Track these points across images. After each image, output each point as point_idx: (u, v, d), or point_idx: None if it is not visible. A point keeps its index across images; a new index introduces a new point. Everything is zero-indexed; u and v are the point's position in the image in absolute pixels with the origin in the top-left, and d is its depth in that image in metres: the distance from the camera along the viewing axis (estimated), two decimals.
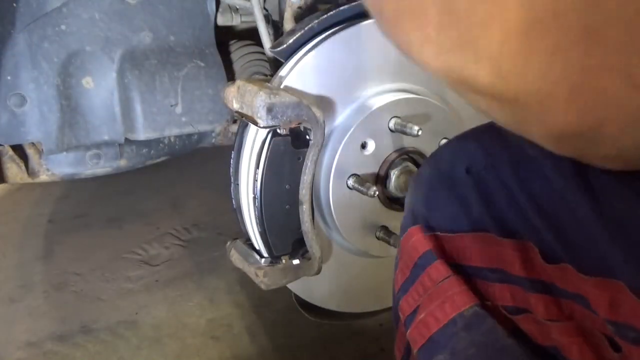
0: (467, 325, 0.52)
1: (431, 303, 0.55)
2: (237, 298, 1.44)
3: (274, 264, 0.95)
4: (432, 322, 0.54)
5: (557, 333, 0.48)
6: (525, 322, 0.50)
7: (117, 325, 1.34)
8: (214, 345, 1.28)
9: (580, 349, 0.46)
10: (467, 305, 0.53)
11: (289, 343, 1.30)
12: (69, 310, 1.39)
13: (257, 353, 1.27)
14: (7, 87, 0.92)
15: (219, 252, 1.61)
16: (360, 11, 0.91)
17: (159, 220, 1.82)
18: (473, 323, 0.52)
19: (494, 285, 0.53)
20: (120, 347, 1.28)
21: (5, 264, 1.58)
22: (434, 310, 0.54)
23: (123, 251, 1.64)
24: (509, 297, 0.52)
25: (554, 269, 0.48)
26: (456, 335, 0.52)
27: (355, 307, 1.15)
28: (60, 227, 1.79)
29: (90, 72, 1.00)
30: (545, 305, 0.49)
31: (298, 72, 0.89)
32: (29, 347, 1.27)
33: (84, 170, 1.06)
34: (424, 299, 0.56)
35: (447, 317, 0.53)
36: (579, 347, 0.46)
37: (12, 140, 0.97)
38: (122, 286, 1.49)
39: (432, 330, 0.54)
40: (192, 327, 1.34)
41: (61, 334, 1.31)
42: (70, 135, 1.00)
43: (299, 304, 1.09)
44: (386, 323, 1.35)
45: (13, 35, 0.89)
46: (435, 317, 0.54)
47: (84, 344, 1.28)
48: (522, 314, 0.51)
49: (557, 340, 0.47)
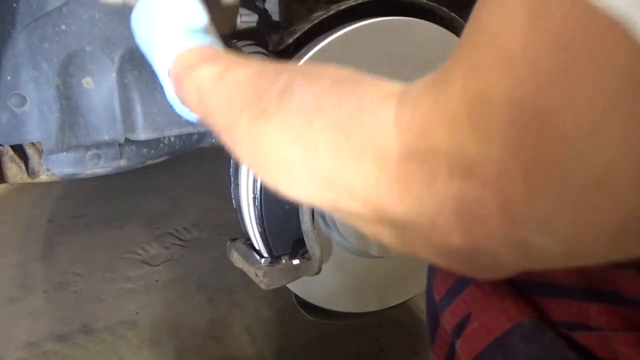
0: (525, 337, 0.49)
1: (484, 313, 0.52)
2: (237, 298, 1.44)
3: (274, 264, 0.95)
4: (486, 333, 0.52)
5: (620, 344, 0.45)
6: (583, 337, 0.47)
7: (117, 325, 1.34)
8: (214, 345, 1.29)
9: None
10: (524, 316, 0.50)
11: (289, 343, 1.30)
12: (69, 310, 1.39)
13: (257, 353, 1.27)
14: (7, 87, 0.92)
15: (219, 252, 1.61)
16: (360, 11, 0.91)
17: (159, 220, 1.82)
18: (532, 335, 0.49)
19: (547, 299, 0.50)
20: (120, 347, 1.28)
21: (5, 264, 1.58)
22: (488, 322, 0.52)
23: (123, 251, 1.64)
24: (564, 311, 0.49)
25: (614, 275, 0.46)
26: (515, 347, 0.49)
27: (356, 307, 1.15)
28: (60, 227, 1.79)
29: (90, 72, 1.00)
30: (607, 315, 0.46)
31: None
32: (29, 347, 1.27)
33: (84, 170, 1.05)
34: (474, 309, 0.54)
35: (504, 328, 0.50)
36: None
37: (12, 140, 0.96)
38: (122, 286, 1.49)
39: (487, 342, 0.51)
40: (192, 327, 1.34)
41: (61, 334, 1.31)
42: (70, 135, 1.00)
43: (299, 304, 1.09)
44: (386, 323, 1.35)
45: (13, 35, 0.89)
46: (490, 328, 0.52)
47: (84, 344, 1.28)
48: (579, 329, 0.48)
49: (620, 352, 0.45)
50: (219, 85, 0.49)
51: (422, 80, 0.32)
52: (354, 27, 0.91)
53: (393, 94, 0.34)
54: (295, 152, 0.38)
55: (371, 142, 0.33)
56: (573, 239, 0.26)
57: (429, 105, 0.30)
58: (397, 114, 0.32)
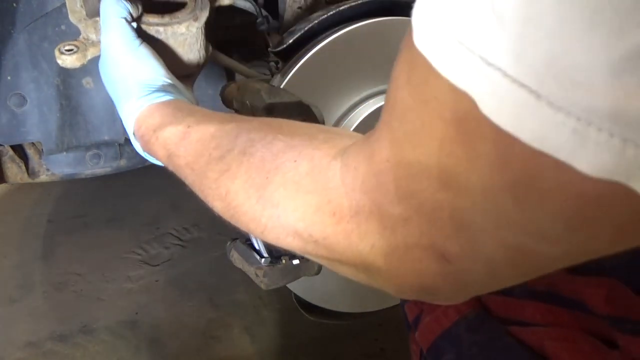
0: (469, 328, 0.55)
1: (435, 309, 0.58)
2: (237, 298, 1.44)
3: (274, 264, 0.95)
4: (437, 326, 0.58)
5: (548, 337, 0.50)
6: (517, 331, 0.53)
7: (117, 325, 1.34)
8: (214, 345, 1.29)
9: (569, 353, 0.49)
10: (470, 309, 0.56)
11: (289, 343, 1.30)
12: (69, 310, 1.39)
13: (257, 353, 1.27)
14: (7, 87, 0.92)
15: (219, 252, 1.61)
16: (360, 11, 0.91)
17: (159, 220, 1.82)
18: (475, 325, 0.55)
19: (492, 296, 0.55)
20: (120, 347, 1.28)
21: (5, 264, 1.58)
22: (438, 316, 0.58)
23: (123, 251, 1.64)
24: (504, 307, 0.55)
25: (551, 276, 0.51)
26: (460, 336, 0.55)
27: (356, 307, 1.15)
28: (60, 227, 1.79)
29: (90, 72, 1.00)
30: (541, 312, 0.52)
31: (298, 72, 0.89)
32: (29, 347, 1.27)
33: (84, 170, 1.06)
34: (425, 305, 0.60)
35: (452, 321, 0.57)
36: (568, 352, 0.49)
37: (12, 140, 0.97)
38: (122, 286, 1.49)
39: (437, 333, 0.57)
40: (192, 327, 1.34)
41: (61, 334, 1.31)
42: (70, 135, 1.00)
43: (299, 304, 1.09)
44: (386, 323, 1.35)
45: (13, 35, 0.89)
46: (440, 322, 0.58)
47: (84, 344, 1.28)
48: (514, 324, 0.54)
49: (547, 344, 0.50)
50: (184, 145, 0.53)
51: (360, 141, 0.38)
52: (354, 27, 0.91)
53: (339, 154, 0.39)
54: (259, 208, 0.42)
55: (325, 200, 0.38)
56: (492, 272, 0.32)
57: (365, 168, 0.35)
58: (342, 175, 0.37)
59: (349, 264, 0.38)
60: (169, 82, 0.65)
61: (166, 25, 0.71)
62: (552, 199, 0.25)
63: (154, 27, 0.71)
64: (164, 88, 0.64)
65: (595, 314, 0.49)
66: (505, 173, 0.26)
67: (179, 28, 0.72)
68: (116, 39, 0.65)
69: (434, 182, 0.29)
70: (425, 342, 0.59)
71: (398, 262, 0.34)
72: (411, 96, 0.30)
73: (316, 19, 0.90)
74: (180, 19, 0.72)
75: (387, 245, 0.34)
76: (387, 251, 0.34)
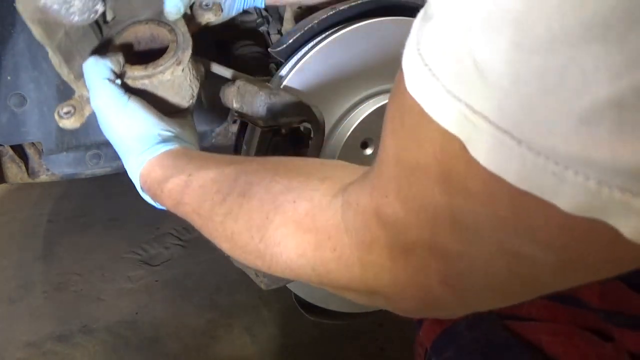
0: (469, 325, 0.58)
1: None
2: (237, 298, 1.44)
3: None
4: (438, 325, 0.61)
5: (543, 332, 0.54)
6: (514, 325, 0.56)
7: (117, 325, 1.34)
8: (214, 345, 1.29)
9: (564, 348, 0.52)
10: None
11: (289, 343, 1.30)
12: (69, 310, 1.39)
13: (257, 353, 1.27)
14: (7, 87, 0.92)
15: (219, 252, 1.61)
16: (360, 12, 0.91)
17: (159, 220, 1.82)
18: (475, 323, 0.58)
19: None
20: (120, 347, 1.28)
21: (5, 264, 1.58)
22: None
23: (123, 251, 1.64)
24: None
25: None
26: (460, 334, 0.58)
27: (356, 307, 1.15)
28: (60, 227, 1.79)
29: None
30: (537, 307, 0.55)
31: (298, 72, 0.89)
32: (29, 347, 1.27)
33: (84, 170, 1.05)
34: None
35: (452, 320, 0.59)
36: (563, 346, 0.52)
37: (12, 140, 0.96)
38: (122, 286, 1.49)
39: (438, 332, 0.60)
40: (192, 327, 1.34)
41: (61, 334, 1.31)
42: (70, 135, 1.00)
43: (299, 304, 1.09)
44: (386, 323, 1.35)
45: (13, 35, 0.89)
46: (442, 321, 0.61)
47: (84, 344, 1.28)
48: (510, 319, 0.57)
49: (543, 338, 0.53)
50: (187, 193, 0.56)
51: (360, 178, 0.40)
52: (354, 27, 0.91)
53: (338, 193, 0.41)
54: (263, 247, 0.45)
55: (325, 237, 0.40)
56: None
57: (367, 205, 0.37)
58: (343, 212, 0.39)
59: (353, 291, 0.41)
60: (164, 130, 0.66)
61: (151, 76, 0.70)
62: (541, 232, 0.27)
63: (139, 80, 0.70)
64: (161, 138, 0.65)
65: (590, 308, 0.51)
66: (496, 210, 0.28)
67: (163, 76, 0.71)
68: (104, 100, 0.66)
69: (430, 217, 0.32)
70: (428, 340, 0.62)
71: (402, 286, 0.36)
72: (406, 138, 0.32)
73: (316, 19, 0.90)
74: (163, 67, 0.71)
75: (391, 274, 0.36)
76: (391, 279, 0.37)
